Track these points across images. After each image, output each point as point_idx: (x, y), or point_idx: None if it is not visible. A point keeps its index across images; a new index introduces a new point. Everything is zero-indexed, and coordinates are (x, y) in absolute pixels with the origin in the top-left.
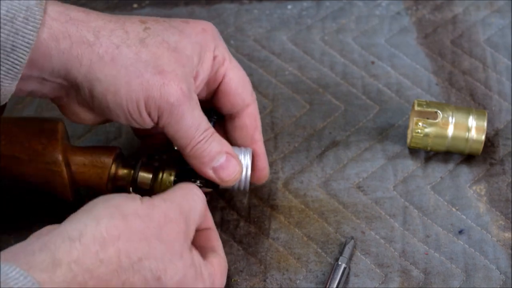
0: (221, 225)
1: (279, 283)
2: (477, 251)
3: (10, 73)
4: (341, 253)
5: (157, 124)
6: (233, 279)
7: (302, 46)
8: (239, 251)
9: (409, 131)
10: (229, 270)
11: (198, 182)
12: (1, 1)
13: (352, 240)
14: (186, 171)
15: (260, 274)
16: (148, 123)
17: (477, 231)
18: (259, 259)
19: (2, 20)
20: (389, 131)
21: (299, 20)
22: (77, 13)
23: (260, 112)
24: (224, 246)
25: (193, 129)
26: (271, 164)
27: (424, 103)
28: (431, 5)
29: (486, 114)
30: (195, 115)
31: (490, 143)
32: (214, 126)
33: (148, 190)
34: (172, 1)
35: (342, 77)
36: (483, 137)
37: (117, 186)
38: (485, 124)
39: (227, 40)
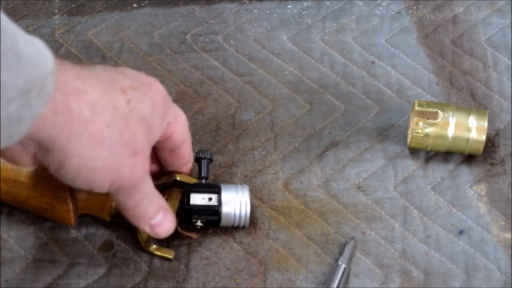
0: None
1: (279, 283)
2: (477, 252)
3: (5, 141)
4: (341, 253)
5: (110, 192)
6: (232, 279)
7: (302, 46)
8: (239, 252)
9: (409, 131)
10: (229, 270)
11: (199, 221)
12: (21, 70)
13: (352, 241)
14: (188, 210)
15: (260, 274)
16: (103, 192)
17: (477, 231)
18: (259, 259)
19: (17, 91)
20: (389, 131)
21: (299, 20)
22: (75, 81)
23: (260, 112)
24: (224, 247)
25: (141, 199)
26: (271, 165)
27: (425, 103)
28: (431, 5)
29: (487, 114)
30: (146, 188)
31: (490, 143)
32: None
33: None
34: (172, 1)
35: (342, 77)
36: (484, 137)
37: (120, 213)
38: (486, 124)
39: (227, 40)
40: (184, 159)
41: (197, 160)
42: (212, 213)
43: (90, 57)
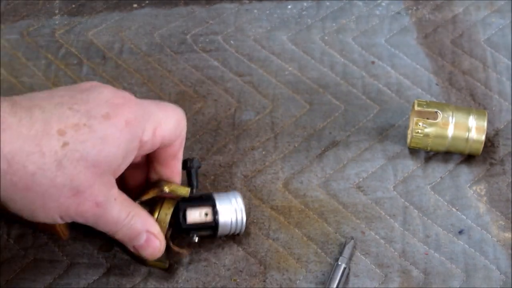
0: None
1: (279, 283)
2: (477, 251)
3: None
4: (341, 253)
5: None
6: (232, 279)
7: (302, 46)
8: (239, 252)
9: (409, 131)
10: (229, 270)
11: (195, 236)
12: None
13: (352, 240)
14: (186, 229)
15: (260, 274)
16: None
17: (477, 231)
18: (259, 259)
19: None
20: (389, 131)
21: (299, 20)
22: None
23: (260, 112)
24: (223, 247)
25: (113, 225)
26: (271, 165)
27: (424, 103)
28: (431, 5)
29: (486, 114)
30: (113, 215)
31: (490, 143)
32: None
33: None
34: (172, 1)
35: (342, 77)
36: (483, 137)
37: None
38: (485, 124)
39: (227, 40)
40: (177, 167)
41: (186, 169)
42: (210, 228)
43: (90, 58)
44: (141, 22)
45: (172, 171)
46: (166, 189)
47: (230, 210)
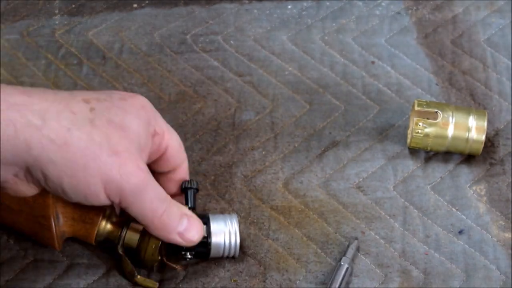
0: None
1: (278, 284)
2: (477, 251)
3: None
4: (344, 253)
5: (118, 203)
6: (232, 280)
7: (302, 46)
8: (239, 252)
9: (409, 131)
10: (228, 271)
11: (188, 254)
12: None
13: (356, 241)
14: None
15: (259, 275)
16: (106, 203)
17: (477, 231)
18: (259, 260)
19: None
20: (389, 131)
21: (299, 20)
22: (18, 96)
23: (260, 112)
24: None
25: (155, 205)
26: (271, 165)
27: (424, 103)
28: (431, 5)
29: (486, 114)
30: (155, 190)
31: (490, 143)
32: None
33: (135, 249)
34: (172, 1)
35: (342, 77)
36: (483, 137)
37: (105, 240)
38: (485, 124)
39: (227, 40)
40: (179, 182)
41: (183, 190)
42: (202, 245)
43: (90, 58)
44: (141, 22)
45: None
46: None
47: (224, 230)
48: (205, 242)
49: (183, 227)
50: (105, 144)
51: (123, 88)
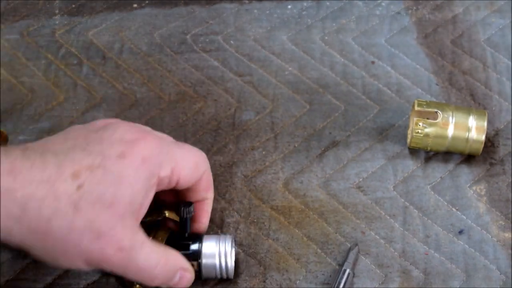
0: (221, 227)
1: (278, 284)
2: (477, 251)
3: None
4: (345, 258)
5: None
6: (232, 280)
7: (302, 46)
8: (239, 253)
9: (409, 131)
10: None
11: None
12: None
13: (357, 247)
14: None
15: (259, 275)
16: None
17: (477, 231)
18: (259, 260)
19: None
20: (389, 131)
21: (299, 20)
22: (3, 180)
23: (260, 112)
24: None
25: (143, 273)
26: (271, 165)
27: (424, 103)
28: (431, 5)
29: (486, 114)
30: (142, 261)
31: (490, 143)
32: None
33: None
34: (172, 1)
35: (342, 77)
36: (483, 137)
37: None
38: (485, 124)
39: (227, 40)
40: (200, 194)
41: (181, 216)
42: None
43: (90, 58)
44: (141, 22)
45: (199, 216)
46: (167, 213)
47: (215, 254)
48: (196, 266)
49: (174, 281)
50: (87, 230)
51: (123, 88)
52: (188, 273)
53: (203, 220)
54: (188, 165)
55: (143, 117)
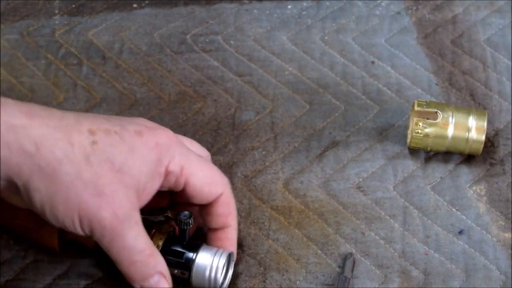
0: None
1: (278, 284)
2: (477, 251)
3: None
4: (342, 268)
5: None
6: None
7: (302, 46)
8: (239, 254)
9: (409, 131)
10: None
11: (176, 271)
12: None
13: (352, 256)
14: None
15: (259, 275)
16: (82, 234)
17: (477, 231)
18: (259, 260)
19: None
20: (389, 131)
21: (299, 20)
22: (19, 118)
23: (260, 112)
24: None
25: (126, 251)
26: (271, 165)
27: (424, 103)
28: (431, 5)
29: (486, 114)
30: (129, 238)
31: (490, 143)
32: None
33: None
34: (172, 1)
35: (342, 77)
36: (483, 137)
37: None
38: (485, 124)
39: (227, 40)
40: (220, 218)
41: (181, 228)
42: (185, 274)
43: (90, 58)
44: (141, 22)
45: (224, 245)
46: (169, 213)
47: (207, 268)
48: (186, 273)
49: (149, 284)
50: (91, 184)
51: (123, 88)
52: (165, 282)
53: (230, 248)
54: (200, 174)
55: (143, 117)
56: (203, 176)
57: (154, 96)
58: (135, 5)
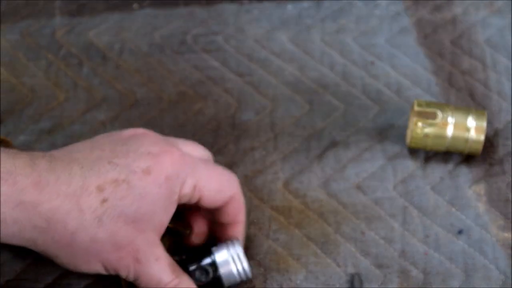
0: None
1: (279, 284)
2: (476, 251)
3: None
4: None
5: None
6: None
7: (302, 46)
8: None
9: (408, 131)
10: None
11: (203, 279)
12: None
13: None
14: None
15: (260, 275)
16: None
17: (476, 231)
18: (259, 260)
19: None
20: (389, 131)
21: (299, 20)
22: (29, 194)
23: (260, 112)
24: None
25: (153, 285)
26: (271, 165)
27: (424, 103)
28: (430, 5)
29: (486, 114)
30: (154, 273)
31: (489, 143)
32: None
33: None
34: (172, 1)
35: (342, 77)
36: (483, 137)
37: None
38: (485, 124)
39: (227, 40)
40: (230, 217)
41: (175, 236)
42: (215, 283)
43: (91, 58)
44: (141, 22)
45: (234, 231)
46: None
47: (229, 261)
48: (215, 278)
49: None
50: (107, 242)
51: (123, 88)
52: None
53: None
54: (211, 186)
55: (143, 118)
56: (214, 185)
57: (154, 96)
58: (135, 5)
